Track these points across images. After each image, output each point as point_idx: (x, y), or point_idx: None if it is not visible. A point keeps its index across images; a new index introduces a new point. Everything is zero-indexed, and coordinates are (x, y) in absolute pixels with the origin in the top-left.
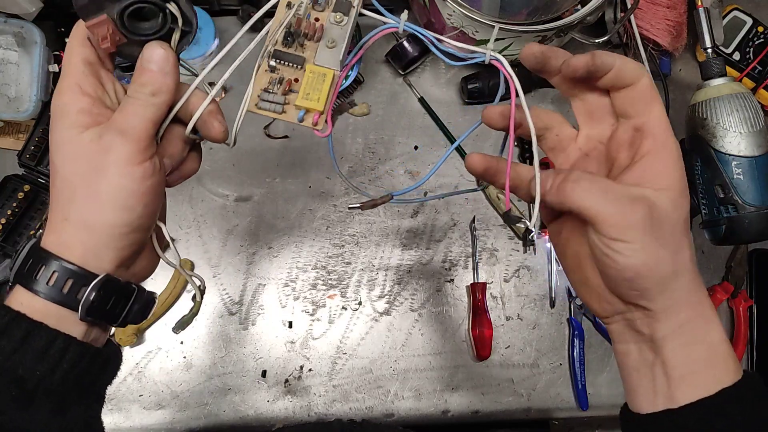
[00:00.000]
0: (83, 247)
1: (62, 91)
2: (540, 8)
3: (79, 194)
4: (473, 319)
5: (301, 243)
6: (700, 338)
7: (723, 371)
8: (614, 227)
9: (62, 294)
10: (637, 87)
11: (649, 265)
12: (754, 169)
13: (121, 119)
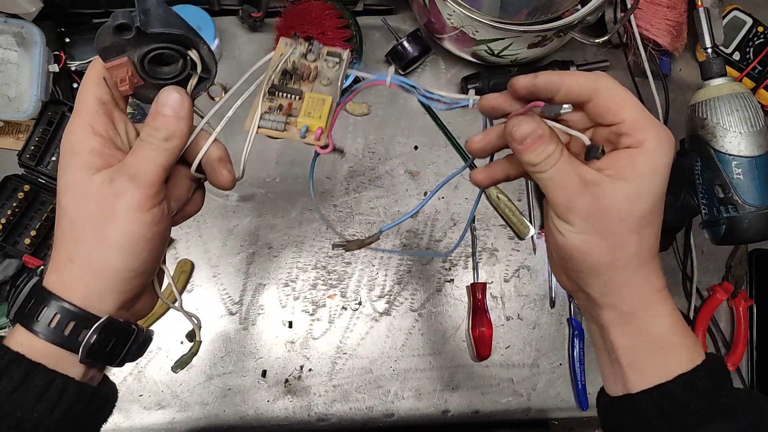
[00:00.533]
0: (87, 290)
1: (74, 129)
2: (540, 8)
3: (87, 237)
4: (473, 319)
5: (301, 243)
6: (644, 330)
7: (676, 360)
8: (559, 206)
9: (63, 336)
10: (596, 102)
11: (582, 251)
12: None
13: (134, 163)
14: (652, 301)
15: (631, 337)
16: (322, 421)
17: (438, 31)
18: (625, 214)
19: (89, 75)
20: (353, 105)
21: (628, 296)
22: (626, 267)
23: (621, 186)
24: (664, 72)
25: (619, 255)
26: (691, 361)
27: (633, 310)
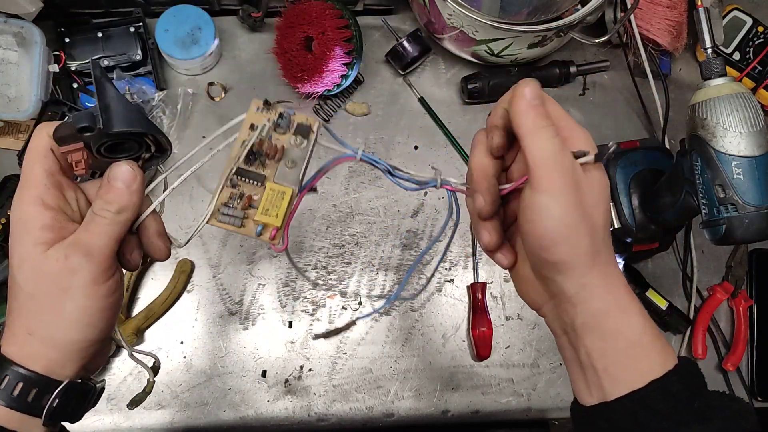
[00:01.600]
0: (48, 360)
1: (23, 202)
2: (540, 8)
3: (44, 312)
4: (473, 319)
5: (301, 243)
6: (616, 331)
7: (648, 363)
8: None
9: (26, 402)
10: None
11: (564, 233)
12: (754, 169)
13: (87, 239)
14: (622, 294)
15: (604, 341)
16: (322, 421)
17: (438, 31)
18: (598, 198)
19: (35, 146)
20: (353, 105)
21: (601, 288)
22: (598, 254)
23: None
24: (664, 72)
25: (595, 240)
26: (664, 364)
27: (606, 306)
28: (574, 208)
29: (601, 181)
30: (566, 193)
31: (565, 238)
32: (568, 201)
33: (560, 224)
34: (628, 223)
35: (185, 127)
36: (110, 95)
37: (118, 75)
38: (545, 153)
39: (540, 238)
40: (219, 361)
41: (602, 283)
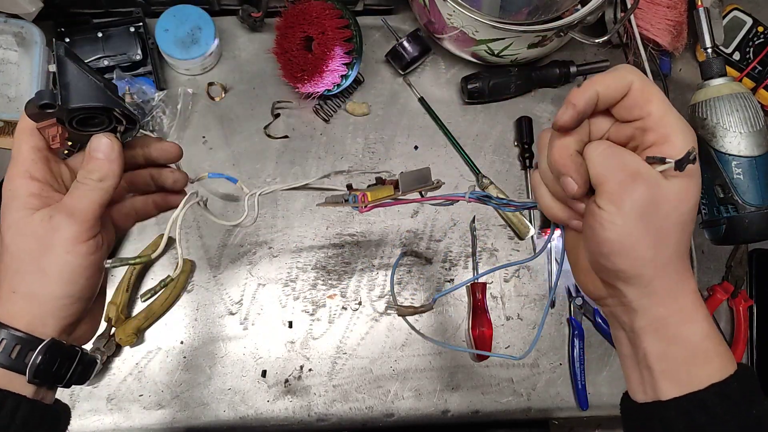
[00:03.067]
0: (30, 316)
1: (12, 177)
2: (540, 8)
3: (28, 269)
4: (473, 319)
5: (301, 243)
6: (678, 336)
7: (707, 368)
8: (608, 194)
9: (10, 359)
10: (629, 95)
11: (625, 244)
12: (754, 169)
13: (70, 202)
14: (687, 303)
15: (665, 344)
16: (322, 421)
17: (438, 31)
18: (673, 210)
19: (22, 126)
20: (353, 105)
21: (665, 297)
22: (666, 265)
23: (672, 181)
24: (664, 72)
25: (661, 252)
26: (724, 370)
27: (668, 313)
28: (639, 219)
29: (681, 192)
30: (632, 204)
31: (625, 250)
32: (633, 212)
33: (621, 236)
34: None
35: (185, 127)
36: (71, 72)
37: (118, 75)
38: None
39: (600, 245)
40: (219, 361)
41: (667, 293)
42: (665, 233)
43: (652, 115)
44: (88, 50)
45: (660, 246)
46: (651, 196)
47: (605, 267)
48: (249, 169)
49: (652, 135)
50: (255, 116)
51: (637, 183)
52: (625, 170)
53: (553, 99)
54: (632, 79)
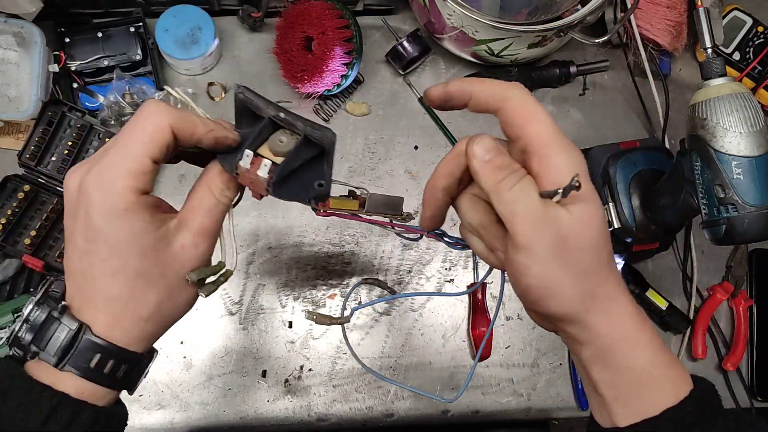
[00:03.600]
0: (143, 339)
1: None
2: (540, 8)
3: (155, 296)
4: (473, 319)
5: (301, 243)
6: (624, 364)
7: (659, 394)
8: (523, 236)
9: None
10: (505, 112)
11: (549, 288)
12: (754, 169)
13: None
14: (628, 328)
15: (612, 373)
16: (322, 421)
17: (438, 31)
18: (581, 239)
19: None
20: (353, 105)
21: (604, 328)
22: (594, 296)
23: (571, 210)
24: (664, 72)
25: (586, 284)
26: (677, 394)
27: (610, 343)
28: (554, 260)
29: (583, 218)
30: (543, 247)
31: (550, 294)
32: (546, 256)
33: (542, 282)
34: (628, 223)
35: None
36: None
37: (118, 75)
38: (512, 208)
39: (525, 293)
40: (219, 361)
41: (605, 323)
42: (583, 264)
43: (532, 137)
44: (88, 50)
45: (582, 279)
46: (557, 234)
47: (537, 312)
48: None
49: (535, 160)
50: None
51: (542, 225)
52: (535, 209)
53: (553, 99)
54: (511, 95)
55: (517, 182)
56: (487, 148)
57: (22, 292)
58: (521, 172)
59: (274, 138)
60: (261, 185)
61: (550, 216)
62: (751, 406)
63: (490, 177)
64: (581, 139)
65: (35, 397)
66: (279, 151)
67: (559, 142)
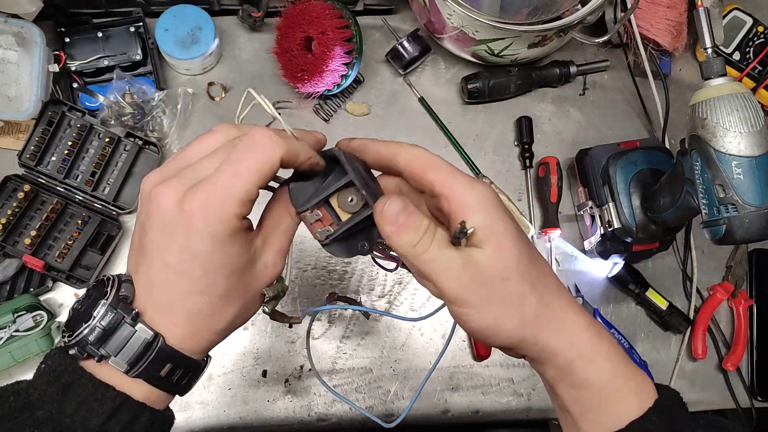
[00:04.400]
0: (209, 349)
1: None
2: (540, 8)
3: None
4: None
5: (301, 243)
6: (585, 380)
7: (623, 406)
8: (452, 291)
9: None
10: (402, 167)
11: (489, 326)
12: (754, 169)
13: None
14: (583, 343)
15: (575, 390)
16: (322, 421)
17: (438, 31)
18: (505, 270)
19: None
20: (353, 105)
21: (559, 346)
22: (539, 318)
23: (483, 248)
24: (664, 72)
25: (525, 312)
26: (642, 404)
27: (569, 360)
28: (487, 302)
29: (497, 250)
30: (471, 294)
31: (493, 332)
32: (477, 301)
33: (482, 324)
34: (628, 223)
35: (185, 127)
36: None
37: (118, 75)
38: (432, 267)
39: (474, 335)
40: (219, 361)
41: (559, 340)
42: (515, 295)
43: (434, 181)
44: (88, 50)
45: (520, 308)
46: (480, 275)
47: (493, 346)
48: None
49: (443, 202)
50: (252, 115)
51: (464, 274)
52: (453, 262)
53: (553, 99)
54: (401, 150)
55: (431, 242)
56: (397, 211)
57: (22, 292)
58: (432, 228)
59: (346, 194)
60: (314, 235)
61: (469, 262)
62: (751, 406)
63: (405, 243)
64: (581, 139)
65: (99, 395)
66: (345, 208)
67: (460, 179)
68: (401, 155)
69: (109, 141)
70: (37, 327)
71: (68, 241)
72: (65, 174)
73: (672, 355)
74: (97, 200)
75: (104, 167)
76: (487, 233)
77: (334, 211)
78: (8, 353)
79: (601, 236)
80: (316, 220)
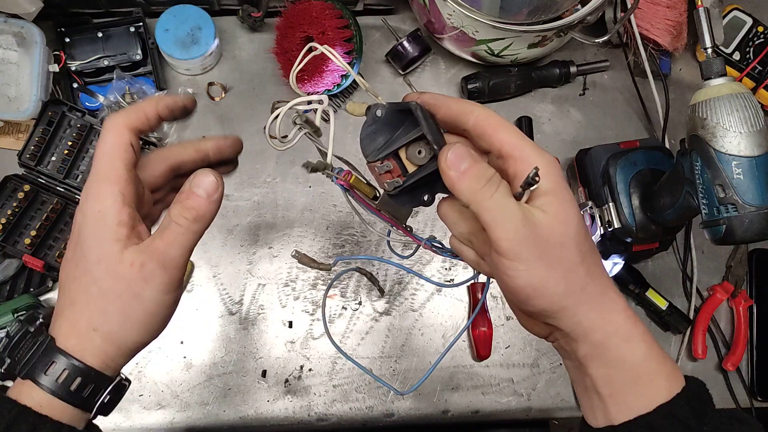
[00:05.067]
0: (105, 356)
1: (102, 195)
2: (540, 8)
3: (113, 312)
4: (473, 319)
5: (301, 243)
6: (619, 359)
7: (653, 389)
8: (507, 241)
9: (81, 397)
10: (474, 124)
11: (536, 287)
12: (754, 169)
13: (163, 248)
14: (621, 323)
15: (608, 368)
16: (322, 421)
17: (438, 31)
18: (561, 237)
19: (116, 140)
20: (353, 105)
21: (597, 321)
22: (584, 290)
23: (546, 211)
24: (664, 72)
25: (573, 281)
26: (671, 389)
27: (606, 336)
28: (539, 260)
29: (559, 216)
30: (526, 250)
31: (538, 292)
32: (530, 257)
33: (528, 281)
34: (628, 223)
35: (185, 127)
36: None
37: (118, 75)
38: (493, 216)
39: (514, 294)
40: (219, 361)
41: (598, 316)
42: (566, 260)
43: (504, 142)
44: (88, 50)
45: (568, 274)
46: (538, 235)
47: (529, 311)
48: (249, 169)
49: (511, 162)
50: (255, 116)
51: (523, 229)
52: (514, 214)
53: (553, 99)
54: (475, 109)
55: (495, 190)
56: (462, 156)
57: (22, 292)
58: (497, 178)
59: (415, 147)
60: (382, 186)
61: (529, 219)
62: (751, 406)
63: (467, 188)
64: (581, 139)
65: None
66: (413, 161)
67: (531, 144)
68: (473, 113)
69: None
70: None
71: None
72: (65, 174)
73: (672, 355)
74: None
75: None
76: (551, 198)
77: (402, 163)
78: None
79: (601, 236)
80: (386, 171)
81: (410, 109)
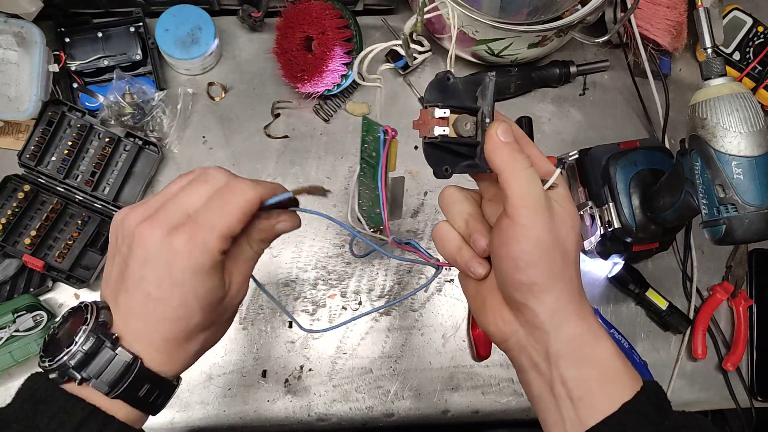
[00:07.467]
0: (182, 371)
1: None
2: (540, 8)
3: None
4: (473, 319)
5: (301, 243)
6: (591, 356)
7: (619, 387)
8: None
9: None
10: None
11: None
12: (754, 169)
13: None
14: (593, 322)
15: (579, 368)
16: (322, 421)
17: (438, 31)
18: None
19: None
20: (353, 105)
21: (574, 315)
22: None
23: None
24: (664, 72)
25: (567, 267)
26: (633, 388)
27: (579, 332)
28: (549, 233)
29: (571, 213)
30: (541, 219)
31: (539, 260)
32: (543, 226)
33: (535, 246)
34: (628, 223)
35: (185, 127)
36: None
37: (118, 75)
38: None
39: (515, 259)
40: (219, 361)
41: (575, 310)
42: (567, 249)
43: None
44: (88, 50)
45: (565, 261)
46: (551, 217)
47: (520, 282)
48: (249, 169)
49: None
50: (255, 116)
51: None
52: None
53: (553, 99)
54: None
55: (529, 166)
56: (508, 132)
57: (22, 292)
58: (530, 160)
59: (465, 118)
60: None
61: (548, 202)
62: (751, 406)
63: (507, 153)
64: (581, 139)
65: (69, 408)
66: (457, 129)
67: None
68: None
69: (109, 141)
70: (37, 327)
71: (68, 241)
72: (65, 174)
73: (672, 355)
74: (97, 200)
75: (104, 167)
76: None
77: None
78: (8, 353)
79: (601, 236)
80: (440, 117)
81: (483, 80)
